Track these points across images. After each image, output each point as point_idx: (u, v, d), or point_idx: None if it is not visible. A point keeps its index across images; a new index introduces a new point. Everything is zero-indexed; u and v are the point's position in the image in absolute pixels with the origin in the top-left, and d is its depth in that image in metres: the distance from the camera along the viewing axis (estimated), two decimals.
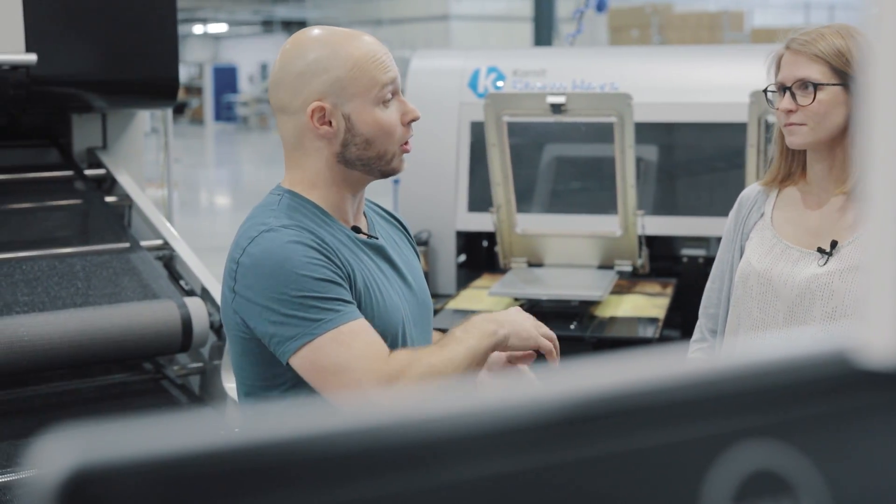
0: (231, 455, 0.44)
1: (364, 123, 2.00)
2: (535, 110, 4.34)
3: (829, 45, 2.30)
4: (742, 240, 2.49)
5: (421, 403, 0.51)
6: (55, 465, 0.42)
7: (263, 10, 33.01)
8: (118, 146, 4.34)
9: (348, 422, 0.47)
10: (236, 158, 25.37)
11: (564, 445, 0.52)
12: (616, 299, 4.46)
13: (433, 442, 0.49)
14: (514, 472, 0.51)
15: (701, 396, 0.54)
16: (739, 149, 4.75)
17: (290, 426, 0.46)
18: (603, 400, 0.53)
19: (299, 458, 0.45)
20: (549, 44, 16.77)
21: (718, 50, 6.61)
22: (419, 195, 4.97)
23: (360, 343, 1.87)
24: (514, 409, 0.52)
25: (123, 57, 4.07)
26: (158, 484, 0.43)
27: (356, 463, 0.47)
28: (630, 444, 0.53)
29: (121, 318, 3.46)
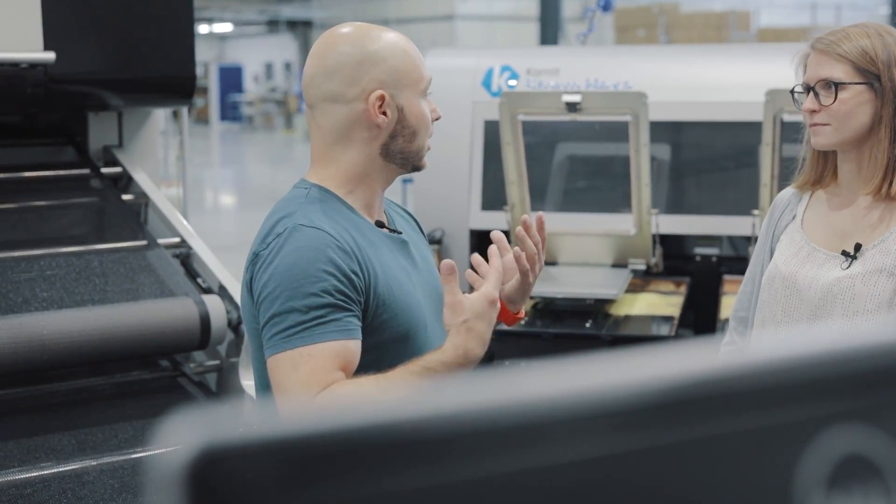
0: (347, 434, 0.45)
1: (413, 115, 2.02)
2: (551, 109, 4.35)
3: (855, 44, 2.28)
4: (773, 242, 2.47)
5: (520, 386, 0.51)
6: (182, 446, 0.43)
7: (269, 10, 33.03)
8: (134, 144, 4.35)
9: (453, 403, 0.48)
10: (241, 158, 25.39)
11: (660, 429, 0.53)
12: (630, 298, 4.47)
13: (535, 424, 0.49)
14: (610, 455, 0.52)
15: (793, 381, 0.55)
16: (752, 147, 4.75)
17: (401, 408, 0.47)
18: (698, 384, 0.54)
19: (409, 438, 0.46)
20: (556, 43, 16.78)
21: (730, 49, 6.62)
22: (433, 194, 4.98)
23: (307, 369, 1.86)
24: (610, 393, 0.52)
25: (140, 55, 4.09)
26: (281, 462, 0.44)
27: (460, 444, 0.47)
28: (725, 427, 0.54)
29: (140, 316, 3.47)
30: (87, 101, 4.15)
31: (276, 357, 1.88)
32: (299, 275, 1.87)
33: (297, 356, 1.86)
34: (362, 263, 1.94)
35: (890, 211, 2.30)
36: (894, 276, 2.24)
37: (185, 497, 0.43)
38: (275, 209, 2.03)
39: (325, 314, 1.87)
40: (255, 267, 1.94)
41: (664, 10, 17.19)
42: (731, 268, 4.78)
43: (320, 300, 1.87)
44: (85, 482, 3.18)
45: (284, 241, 1.91)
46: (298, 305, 1.86)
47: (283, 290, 1.87)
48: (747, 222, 4.44)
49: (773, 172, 4.16)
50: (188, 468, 0.43)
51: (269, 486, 0.43)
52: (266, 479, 0.43)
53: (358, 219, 2.03)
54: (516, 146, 4.39)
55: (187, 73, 4.19)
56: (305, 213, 1.96)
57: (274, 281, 1.88)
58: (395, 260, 2.05)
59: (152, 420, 3.51)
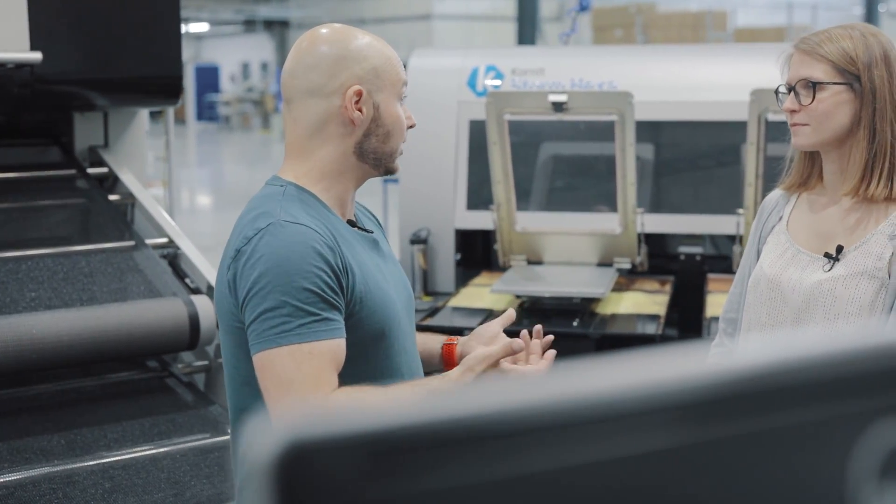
0: (432, 428, 0.46)
1: (389, 116, 2.05)
2: (537, 109, 4.37)
3: (836, 45, 2.29)
4: (760, 244, 2.47)
5: (589, 380, 0.52)
6: (270, 442, 0.44)
7: (246, 10, 32.95)
8: (120, 144, 4.35)
9: (529, 397, 0.49)
10: (218, 158, 25.32)
11: (717, 423, 0.54)
12: (616, 296, 4.49)
13: (607, 417, 0.51)
14: (668, 449, 0.53)
15: (845, 374, 0.56)
16: (735, 147, 4.78)
17: (480, 402, 0.48)
18: (753, 378, 0.55)
19: (491, 431, 0.47)
20: (533, 43, 16.81)
21: (713, 49, 6.66)
22: (418, 193, 4.99)
23: (311, 366, 1.87)
24: (666, 388, 0.54)
25: (127, 55, 4.08)
26: (367, 456, 0.45)
27: (538, 437, 0.49)
28: (779, 422, 0.55)
29: (129, 316, 3.47)
30: (74, 102, 4.14)
31: (272, 352, 1.87)
32: (291, 269, 1.88)
33: (297, 352, 1.86)
34: (343, 261, 1.95)
35: (871, 212, 2.30)
36: (876, 279, 2.23)
37: (274, 492, 0.44)
38: (250, 206, 2.03)
39: (319, 311, 1.88)
40: (239, 263, 1.92)
41: (641, 10, 17.24)
42: (715, 266, 4.81)
43: (314, 296, 1.88)
44: (75, 483, 3.17)
45: (270, 236, 1.91)
46: (293, 300, 1.87)
47: (276, 285, 1.87)
48: (731, 221, 4.47)
49: (758, 172, 4.19)
50: (276, 463, 0.44)
51: (356, 480, 0.44)
52: (352, 473, 0.44)
53: (333, 216, 2.04)
54: (502, 146, 4.40)
55: (173, 72, 4.18)
56: (286, 209, 1.97)
57: (265, 276, 1.88)
58: (369, 257, 2.07)
59: (141, 420, 3.51)
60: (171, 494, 3.20)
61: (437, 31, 27.43)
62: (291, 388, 1.86)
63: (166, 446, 3.37)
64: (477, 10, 27.82)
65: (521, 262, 4.70)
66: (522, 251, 4.71)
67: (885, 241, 2.25)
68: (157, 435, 3.44)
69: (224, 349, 2.05)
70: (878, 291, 2.23)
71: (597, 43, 16.52)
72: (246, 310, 1.90)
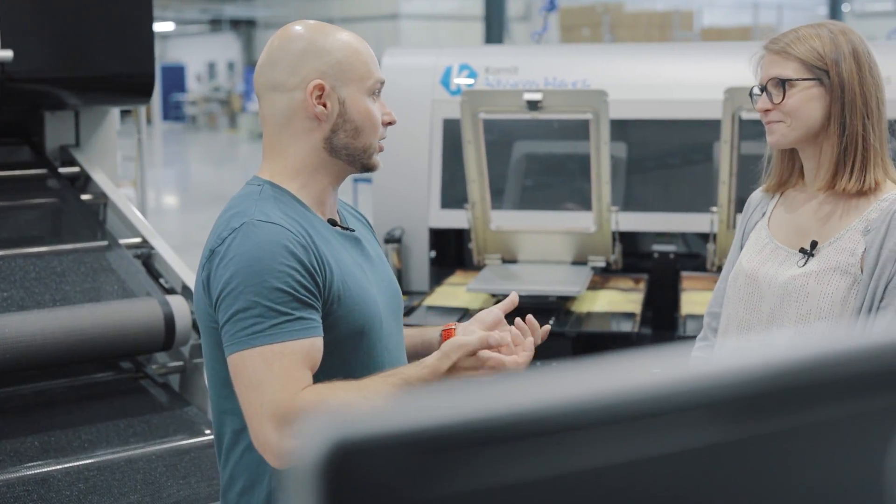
0: (475, 426, 0.45)
1: (356, 111, 2.03)
2: (512, 107, 4.36)
3: (805, 44, 2.33)
4: (744, 240, 2.51)
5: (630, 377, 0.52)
6: (316, 441, 0.43)
7: (211, 9, 32.79)
8: (91, 144, 4.31)
9: (573, 394, 0.48)
10: (185, 158, 25.19)
11: (756, 419, 0.53)
12: (591, 295, 4.50)
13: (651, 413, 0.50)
14: (706, 447, 0.52)
15: (880, 368, 0.56)
16: (708, 145, 4.80)
17: (521, 399, 0.47)
18: (790, 373, 0.54)
19: (536, 429, 0.46)
20: (501, 42, 16.84)
21: (685, 47, 6.69)
22: (392, 192, 4.97)
23: (280, 366, 1.86)
24: (709, 384, 0.53)
25: (98, 53, 4.04)
26: (412, 455, 0.44)
27: (579, 435, 0.48)
28: (816, 416, 0.55)
29: (103, 317, 3.44)
30: (45, 100, 4.10)
31: (244, 353, 1.86)
32: (262, 269, 1.87)
33: (268, 353, 1.85)
34: (318, 259, 1.94)
35: (847, 208, 2.32)
36: (848, 275, 2.25)
37: (321, 491, 0.43)
38: (228, 206, 2.03)
39: (292, 311, 1.87)
40: (213, 263, 1.93)
41: (609, 10, 17.32)
42: (688, 265, 4.83)
43: (286, 296, 1.87)
44: (49, 485, 3.14)
45: (242, 236, 1.90)
46: (264, 301, 1.86)
47: (248, 286, 1.86)
48: (705, 219, 4.49)
49: (732, 170, 4.21)
50: (323, 463, 0.43)
51: (402, 479, 0.43)
52: (398, 472, 0.43)
53: (311, 215, 2.03)
54: (477, 144, 4.40)
55: (146, 71, 4.15)
56: (260, 208, 1.96)
57: (237, 277, 1.87)
58: (349, 256, 2.06)
59: (116, 422, 3.48)
60: (147, 495, 3.17)
61: (405, 30, 27.42)
62: (261, 388, 1.85)
63: (141, 448, 3.34)
64: (444, 9, 27.83)
65: (496, 261, 4.70)
66: (497, 250, 4.70)
67: (859, 237, 2.27)
68: (132, 436, 3.41)
69: (203, 350, 2.04)
70: (851, 287, 2.25)
71: (564, 42, 16.57)
72: (219, 311, 1.90)
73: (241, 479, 2.01)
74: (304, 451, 0.43)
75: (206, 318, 1.96)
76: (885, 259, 2.21)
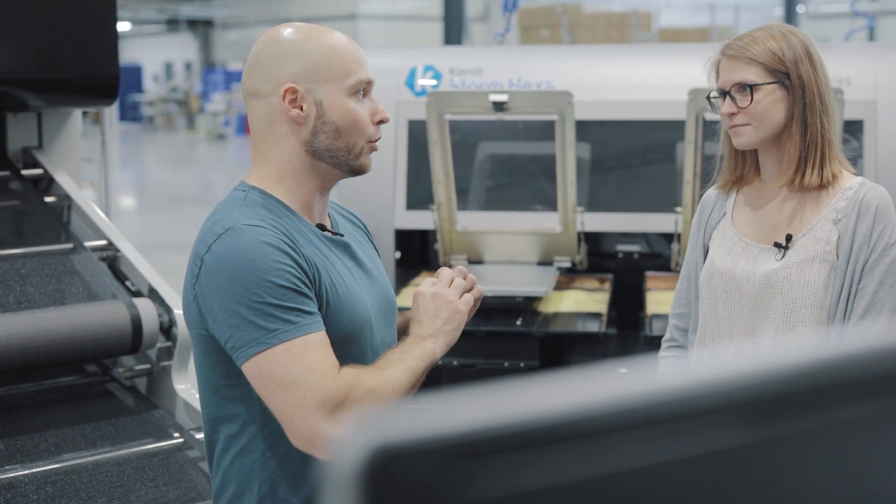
0: (513, 430, 0.46)
1: (335, 111, 2.00)
2: (478, 108, 4.37)
3: (762, 47, 2.43)
4: (705, 240, 2.58)
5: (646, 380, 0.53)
6: (356, 448, 0.43)
7: (168, 9, 32.57)
8: (55, 146, 4.27)
9: (608, 397, 0.49)
10: (142, 159, 25.01)
11: (778, 419, 0.54)
12: (557, 295, 4.52)
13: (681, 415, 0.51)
14: (734, 447, 0.53)
15: (891, 369, 0.57)
16: (671, 145, 4.84)
17: (556, 404, 0.48)
18: (806, 375, 0.55)
19: (574, 432, 0.47)
20: (460, 43, 16.85)
21: (647, 49, 6.72)
22: (357, 193, 4.96)
23: (311, 358, 1.84)
24: (728, 387, 0.54)
25: (62, 54, 4.01)
26: (452, 458, 0.44)
27: (612, 438, 0.49)
28: (832, 417, 0.56)
29: (70, 320, 3.41)
30: (6, 102, 4.06)
31: (266, 354, 1.83)
32: (259, 270, 1.85)
33: (294, 348, 1.83)
34: (306, 263, 1.93)
35: (811, 200, 2.44)
36: (826, 262, 2.38)
37: (362, 497, 0.43)
38: (213, 212, 2.01)
39: (300, 305, 1.86)
40: (201, 271, 1.91)
41: (567, 11, 17.36)
42: (652, 264, 4.87)
43: (290, 292, 1.86)
44: (16, 489, 3.11)
45: (229, 241, 1.89)
46: (270, 299, 1.84)
47: (248, 289, 1.84)
48: (669, 219, 4.52)
49: (696, 170, 4.24)
50: (364, 468, 0.43)
51: (443, 482, 0.44)
52: (438, 477, 0.44)
53: (298, 220, 2.02)
54: (443, 145, 4.41)
55: (109, 72, 4.12)
56: (245, 213, 1.95)
57: (233, 283, 1.85)
58: (338, 261, 2.04)
59: (83, 425, 3.45)
60: (115, 498, 3.15)
61: (363, 30, 27.38)
62: (298, 383, 1.83)
63: (109, 451, 3.32)
64: (402, 9, 27.83)
65: (462, 262, 4.71)
66: (463, 251, 4.71)
67: (831, 226, 2.40)
68: (98, 439, 3.38)
69: (194, 358, 2.02)
70: (830, 273, 2.37)
71: (524, 42, 16.60)
72: (221, 322, 1.87)
73: (232, 485, 2.00)
74: (344, 455, 0.44)
75: (197, 326, 1.94)
76: (860, 244, 2.35)
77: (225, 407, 1.93)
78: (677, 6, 26.31)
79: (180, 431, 3.44)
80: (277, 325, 1.84)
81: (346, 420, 1.82)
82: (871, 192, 2.39)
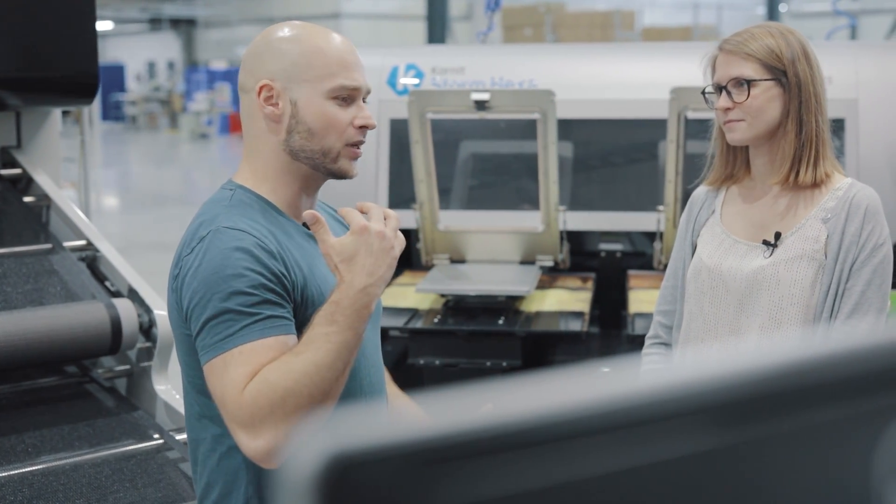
0: (473, 436, 0.45)
1: (310, 112, 1.99)
2: (460, 107, 4.36)
3: (761, 43, 2.43)
4: (693, 237, 2.58)
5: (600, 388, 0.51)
6: (312, 455, 0.42)
7: (151, 8, 32.46)
8: (34, 145, 4.24)
9: (568, 402, 0.48)
10: (125, 159, 24.92)
11: (747, 423, 0.53)
12: (540, 294, 4.51)
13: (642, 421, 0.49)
14: (698, 454, 0.52)
15: (866, 371, 0.56)
16: (653, 144, 4.84)
17: (519, 409, 0.46)
18: (776, 377, 0.54)
19: (533, 438, 0.46)
20: (443, 42, 16.85)
21: (629, 47, 6.72)
22: (340, 192, 4.92)
23: (231, 374, 1.81)
24: (689, 391, 0.53)
25: (41, 54, 3.98)
26: (411, 466, 0.43)
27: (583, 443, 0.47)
28: (803, 421, 0.54)
29: (49, 320, 3.38)
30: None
31: (221, 358, 1.83)
32: (227, 276, 1.85)
33: (229, 357, 1.83)
34: (288, 265, 1.92)
35: (803, 199, 2.44)
36: (814, 261, 2.37)
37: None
38: (200, 212, 2.00)
39: (258, 312, 1.84)
40: (181, 272, 1.91)
41: (551, 10, 17.36)
42: (635, 263, 4.86)
43: (251, 298, 1.84)
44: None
45: (209, 244, 1.89)
46: (234, 306, 1.84)
47: (214, 293, 1.84)
48: (651, 218, 4.52)
49: (678, 169, 4.24)
50: (320, 476, 0.42)
51: (401, 491, 0.43)
52: (397, 484, 0.42)
53: (283, 219, 2.01)
54: (425, 144, 4.39)
55: (89, 71, 4.09)
56: (228, 215, 1.94)
57: (203, 286, 1.86)
58: (322, 260, 2.03)
59: (62, 427, 3.42)
60: (94, 500, 3.13)
61: (346, 29, 27.32)
62: (224, 401, 1.82)
63: (87, 453, 3.29)
64: (386, 8, 27.80)
65: (444, 261, 4.70)
66: (445, 250, 4.70)
67: (820, 225, 2.40)
68: (76, 439, 3.36)
69: (178, 357, 2.02)
70: (818, 272, 2.37)
71: (507, 41, 16.60)
72: (191, 321, 1.88)
73: (218, 485, 1.98)
74: (299, 463, 0.42)
75: (180, 326, 1.94)
76: (848, 244, 2.35)
77: (211, 406, 1.92)
78: (661, 5, 26.35)
79: (160, 432, 3.42)
80: (234, 329, 1.84)
81: (277, 429, 1.78)
82: (861, 193, 2.39)
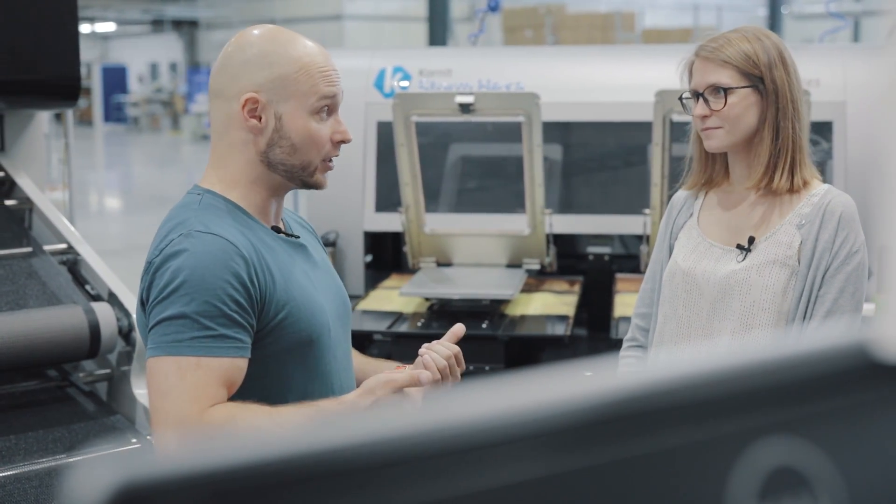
0: (273, 466, 0.43)
1: (294, 128, 1.98)
2: (444, 110, 4.34)
3: (737, 50, 2.41)
4: (671, 240, 2.58)
5: (449, 410, 0.50)
6: (96, 485, 0.40)
7: (153, 10, 32.46)
8: (17, 148, 4.22)
9: (383, 429, 0.46)
10: (127, 160, 24.92)
11: (590, 448, 0.51)
12: (525, 298, 4.49)
13: (461, 449, 0.48)
14: (542, 478, 0.50)
15: (721, 394, 0.54)
16: (642, 147, 4.81)
17: (329, 436, 0.45)
18: (628, 401, 0.52)
19: (340, 468, 0.44)
20: (444, 44, 16.83)
21: (618, 50, 6.70)
22: (326, 196, 4.91)
23: (195, 379, 1.82)
24: (538, 414, 0.51)
25: (23, 56, 3.96)
26: (207, 498, 0.41)
27: (389, 472, 0.46)
28: (656, 444, 0.53)
29: (27, 324, 3.36)
30: None
31: (161, 360, 1.83)
32: (197, 282, 1.84)
33: (185, 364, 1.82)
34: (259, 270, 1.91)
35: (780, 205, 2.43)
36: (787, 266, 2.36)
37: None
38: (168, 216, 1.99)
39: (217, 326, 1.83)
40: (150, 275, 1.90)
41: (551, 11, 17.34)
42: (623, 266, 4.84)
43: (215, 310, 1.83)
44: None
45: (181, 247, 1.87)
46: (192, 313, 1.83)
47: (181, 295, 1.84)
48: (639, 221, 4.50)
49: (664, 172, 4.22)
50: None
51: None
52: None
53: (253, 223, 2.00)
54: (410, 147, 4.37)
55: (72, 74, 4.07)
56: (200, 218, 1.93)
57: (170, 286, 1.85)
58: (294, 264, 2.02)
59: (40, 431, 3.41)
60: None
61: (348, 31, 27.33)
62: (169, 397, 1.82)
63: (63, 458, 3.28)
64: (388, 10, 27.78)
65: (431, 264, 4.68)
66: (431, 253, 4.68)
67: (794, 231, 2.39)
68: (51, 443, 3.34)
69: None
70: (790, 278, 2.36)
71: (507, 44, 16.59)
72: (149, 317, 1.88)
73: None
74: (81, 493, 0.40)
75: (144, 328, 1.93)
76: (822, 250, 2.34)
77: None
78: (662, 7, 26.32)
79: (138, 437, 3.40)
80: (183, 336, 1.83)
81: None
82: (836, 200, 2.38)
